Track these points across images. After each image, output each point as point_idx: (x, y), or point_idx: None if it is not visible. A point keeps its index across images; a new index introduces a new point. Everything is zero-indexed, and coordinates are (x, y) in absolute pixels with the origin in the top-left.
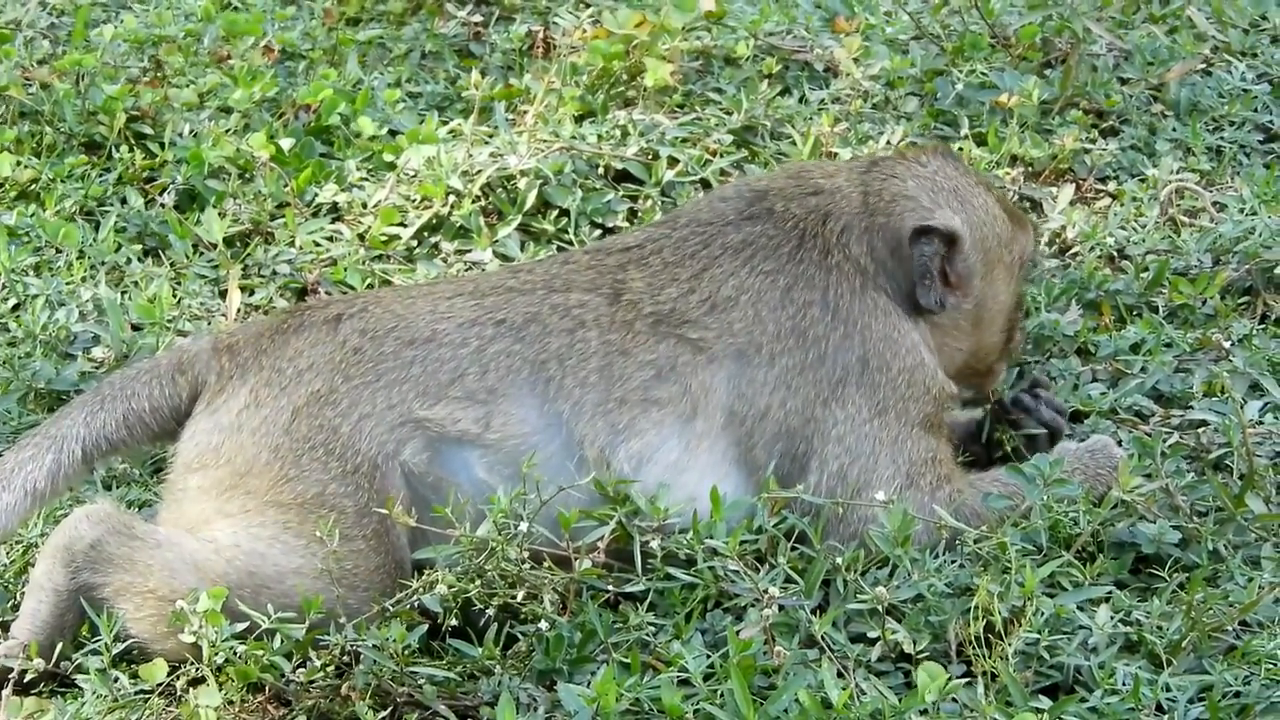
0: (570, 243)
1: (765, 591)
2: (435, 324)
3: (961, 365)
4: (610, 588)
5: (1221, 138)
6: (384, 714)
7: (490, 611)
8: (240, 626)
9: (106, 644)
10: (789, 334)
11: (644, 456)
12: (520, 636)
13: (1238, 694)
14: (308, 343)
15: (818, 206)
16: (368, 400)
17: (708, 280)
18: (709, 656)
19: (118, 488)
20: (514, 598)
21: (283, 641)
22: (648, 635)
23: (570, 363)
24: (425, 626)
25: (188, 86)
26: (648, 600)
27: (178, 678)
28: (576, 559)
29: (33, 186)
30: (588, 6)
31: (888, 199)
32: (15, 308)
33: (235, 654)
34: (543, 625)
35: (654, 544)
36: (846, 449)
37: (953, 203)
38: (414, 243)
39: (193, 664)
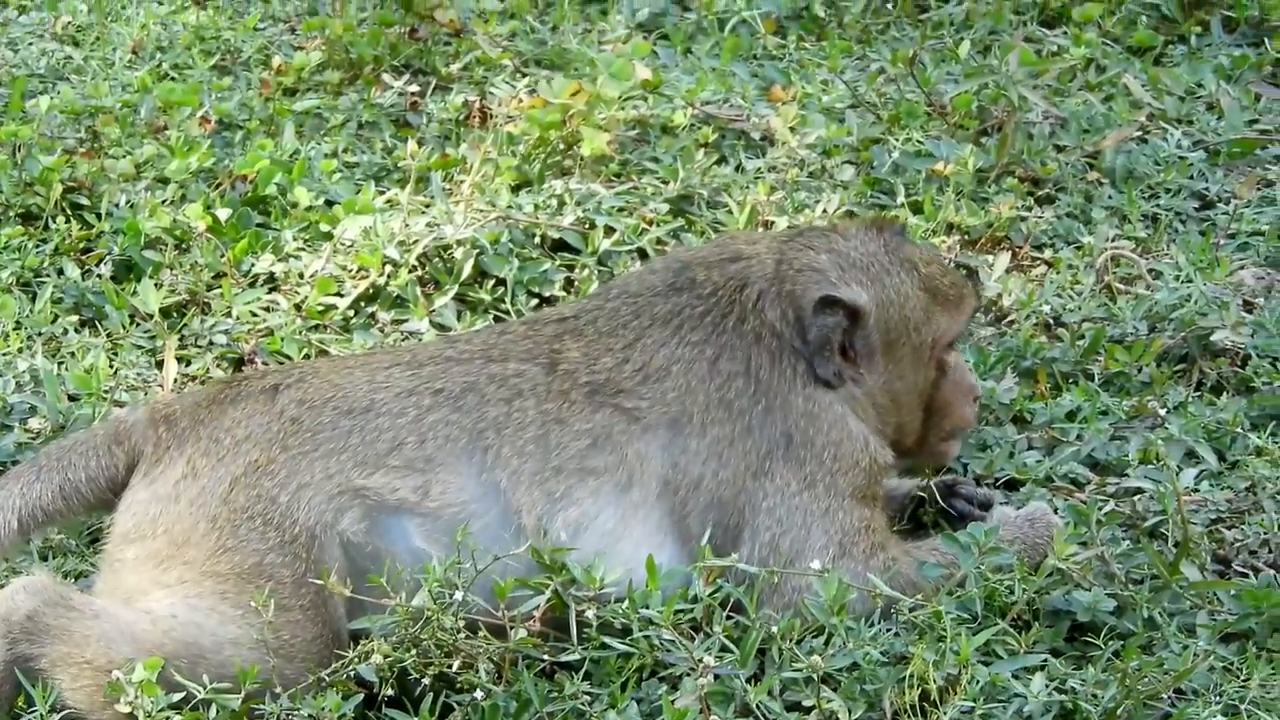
0: (507, 312)
1: (700, 661)
2: (373, 394)
3: (892, 438)
4: (546, 657)
5: (1157, 205)
6: None
7: (426, 681)
8: (177, 697)
9: (42, 715)
10: (717, 405)
11: (580, 525)
12: (456, 706)
13: None
14: (245, 413)
15: (736, 273)
16: (305, 470)
17: (640, 350)
18: None
19: (54, 558)
20: (449, 667)
21: (218, 712)
22: (583, 704)
23: (507, 431)
24: (361, 696)
25: (124, 157)
26: (583, 669)
27: None
28: (512, 628)
29: None
30: (524, 76)
31: (797, 268)
32: None
33: None
34: (478, 694)
35: (589, 613)
36: (777, 520)
37: (861, 278)
38: (350, 313)
39: None
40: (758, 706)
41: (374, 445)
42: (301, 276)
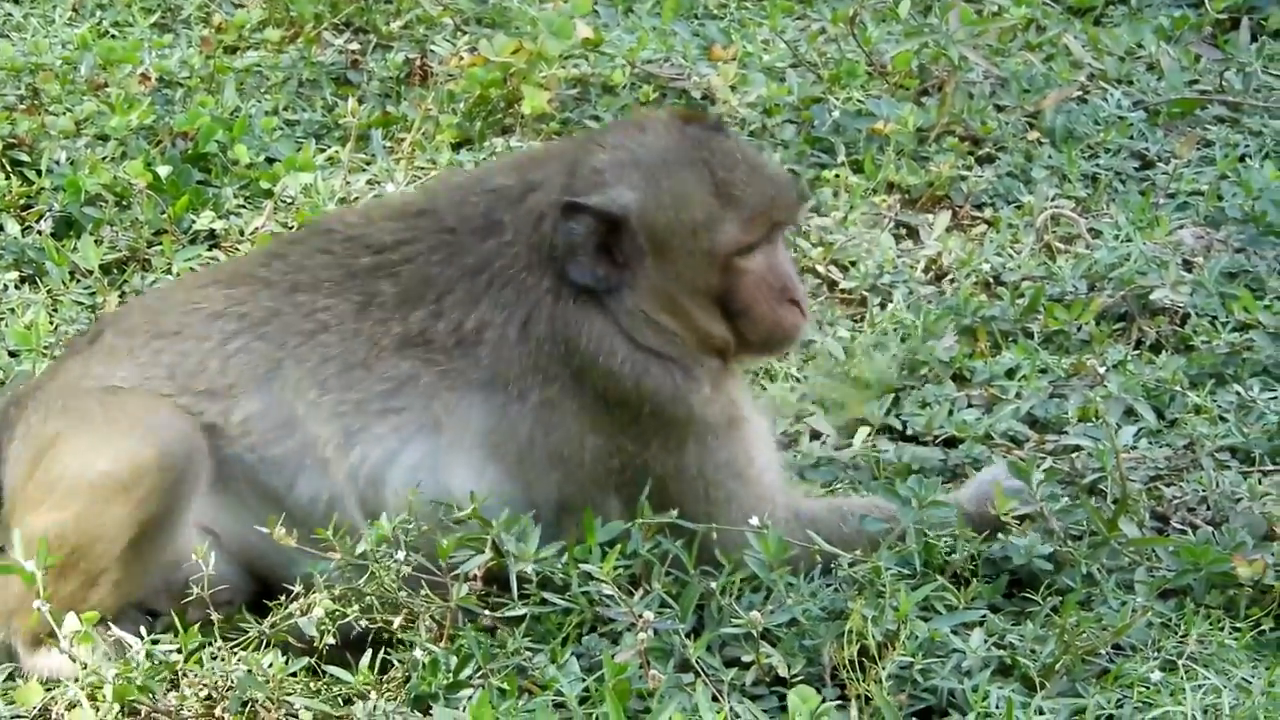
0: None
1: (640, 616)
2: (184, 317)
3: (698, 342)
4: (487, 613)
5: (1097, 165)
6: None
7: (364, 625)
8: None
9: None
10: (532, 371)
11: (381, 460)
12: (397, 663)
13: (1110, 717)
14: (77, 362)
15: (533, 208)
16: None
17: (451, 305)
18: (585, 680)
19: None
20: (390, 623)
21: (155, 665)
22: (524, 660)
23: (309, 365)
24: (305, 661)
25: (65, 114)
26: (524, 625)
27: (54, 702)
28: (453, 585)
29: None
30: (465, 34)
31: (581, 175)
32: None
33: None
34: (417, 653)
35: (530, 567)
36: (626, 479)
37: (635, 179)
38: None
39: (66, 688)
40: (697, 661)
41: (183, 368)
42: (242, 233)
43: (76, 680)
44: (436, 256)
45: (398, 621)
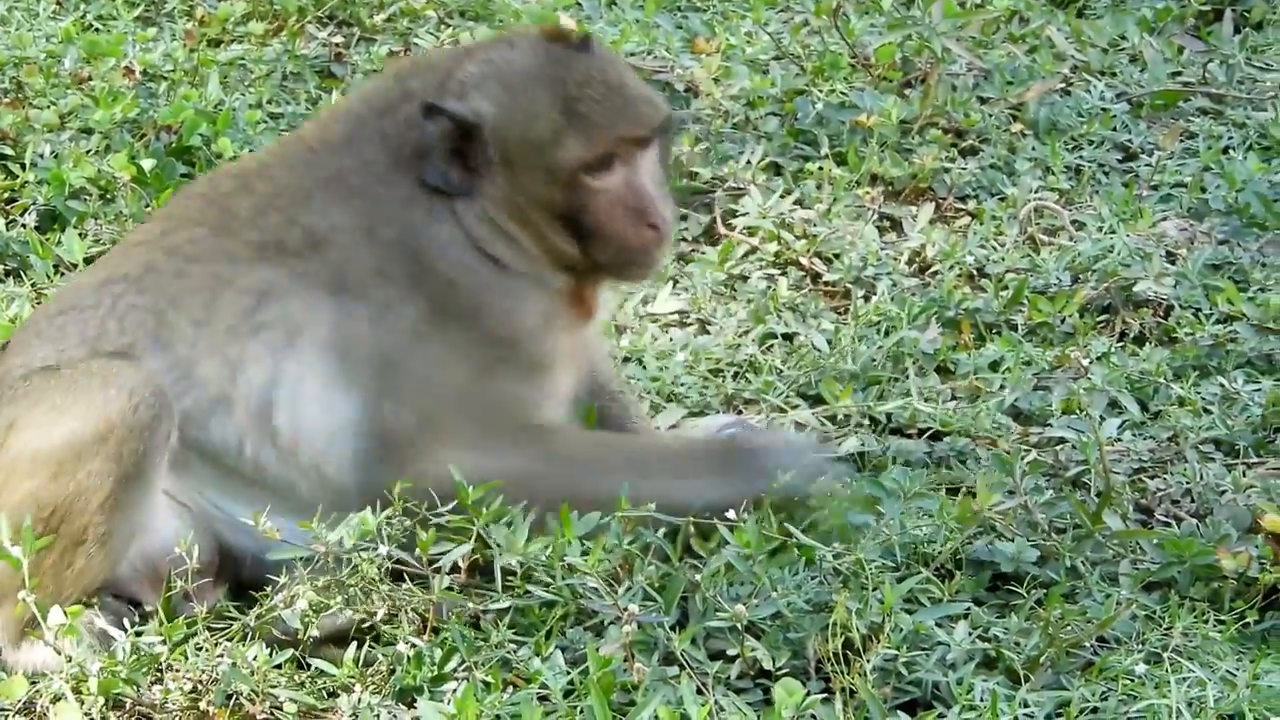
0: None
1: (625, 609)
2: (76, 293)
3: (549, 259)
4: (471, 605)
5: (1080, 157)
6: None
7: (350, 614)
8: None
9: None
10: (375, 274)
11: (265, 385)
12: (381, 657)
13: (1095, 710)
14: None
15: (406, 119)
16: None
17: (305, 212)
18: (569, 673)
19: None
20: (373, 614)
21: (139, 657)
22: (508, 652)
23: (183, 303)
24: (290, 653)
25: (49, 108)
26: (508, 617)
27: (39, 695)
28: (435, 577)
29: None
30: (448, 27)
31: (451, 87)
32: None
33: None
34: (400, 646)
35: (513, 560)
36: (433, 386)
37: (495, 91)
38: None
39: (51, 681)
40: (682, 654)
41: (84, 336)
42: None
43: (61, 673)
44: (295, 170)
45: (380, 614)
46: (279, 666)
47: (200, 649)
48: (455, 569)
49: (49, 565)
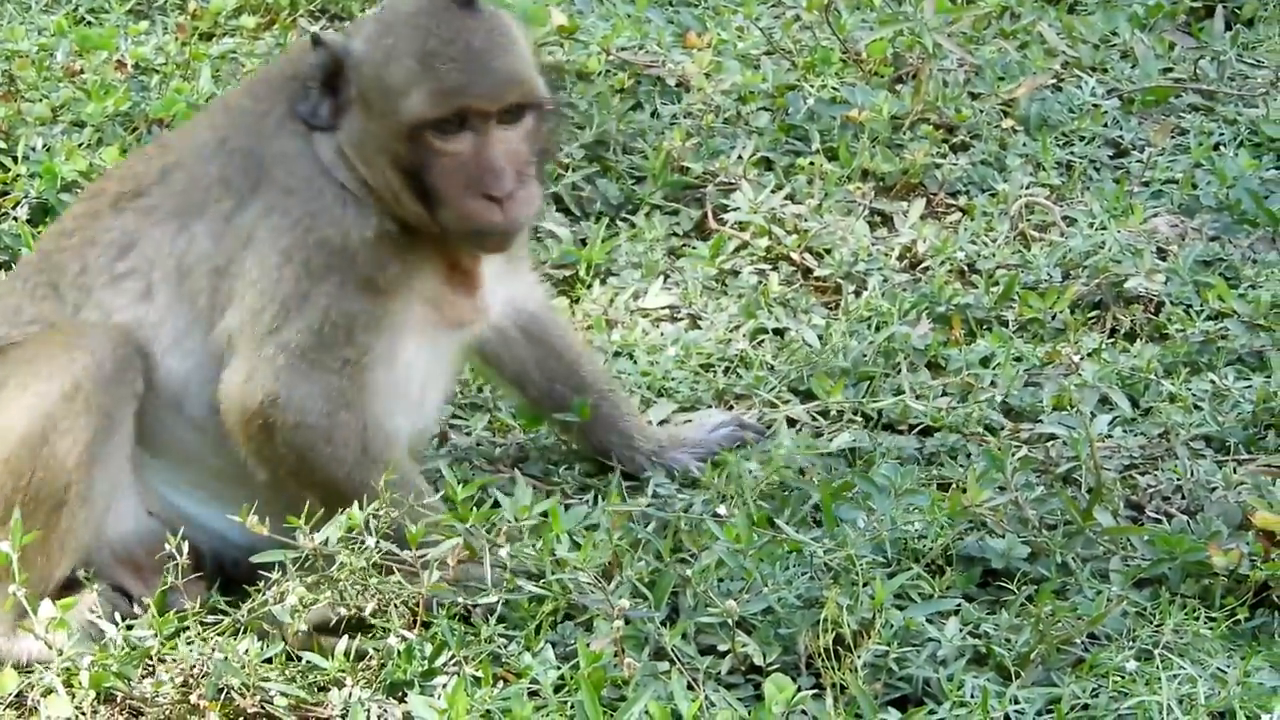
0: None
1: (616, 605)
2: (12, 282)
3: (392, 209)
4: (461, 599)
5: (1071, 153)
6: None
7: (342, 610)
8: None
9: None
10: (218, 184)
11: (140, 341)
12: (371, 651)
13: (1086, 706)
14: None
15: (300, 54)
16: None
17: (166, 152)
18: (560, 668)
19: None
20: (363, 609)
21: (130, 650)
22: (499, 647)
23: (67, 271)
24: (280, 647)
25: (40, 101)
26: (497, 612)
27: (30, 688)
28: (425, 571)
29: None
30: None
31: (355, 23)
32: None
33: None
34: (391, 640)
35: (503, 553)
36: (261, 293)
37: (373, 31)
38: None
39: (42, 674)
40: (672, 650)
41: (5, 313)
42: None
43: (52, 666)
44: (196, 121)
45: (370, 608)
46: (269, 660)
47: (191, 643)
48: (444, 564)
49: (37, 538)
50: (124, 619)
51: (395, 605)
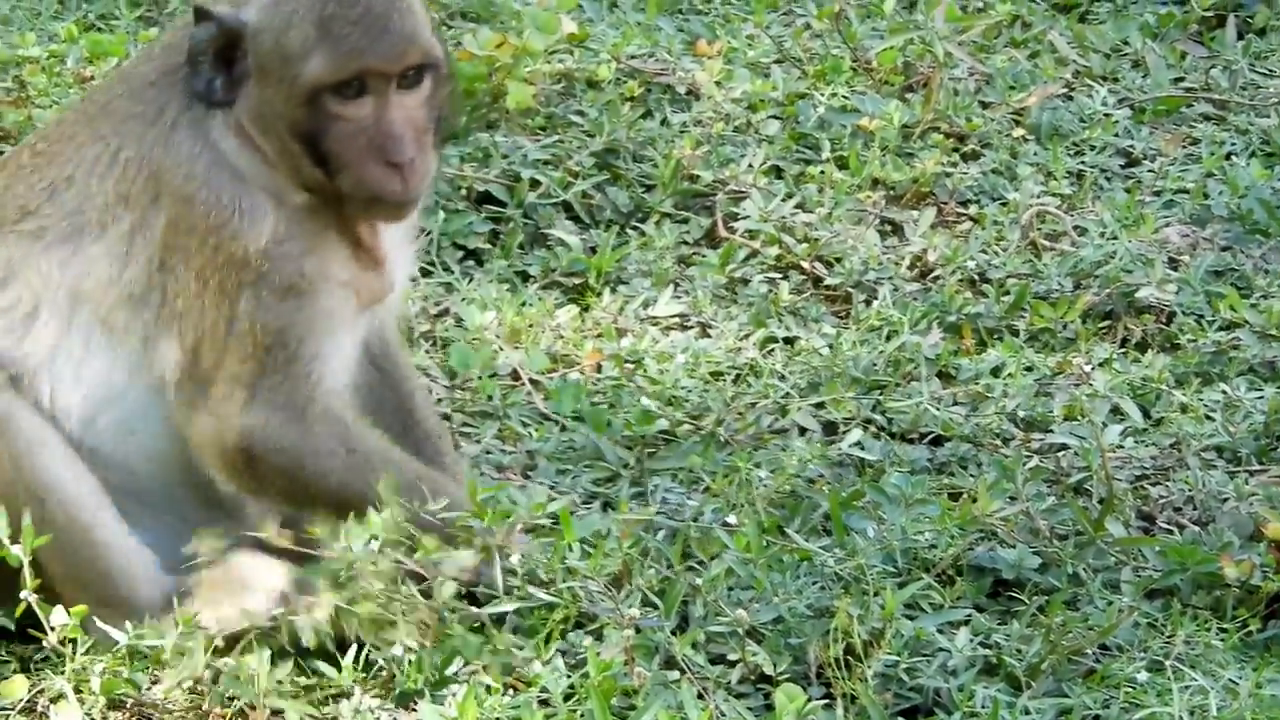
0: (432, 264)
1: (626, 614)
2: None
3: (298, 181)
4: (475, 610)
5: (1082, 162)
6: None
7: (358, 632)
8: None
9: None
10: (115, 201)
11: (34, 379)
12: (381, 661)
13: (1097, 717)
14: None
15: (186, 31)
16: None
17: (50, 166)
18: (570, 677)
19: None
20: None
21: (138, 659)
22: (510, 657)
23: None
24: (292, 662)
25: (51, 106)
26: (507, 621)
27: (39, 695)
28: (439, 583)
29: None
30: (449, 28)
31: None
32: None
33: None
34: (396, 650)
35: (514, 560)
36: (192, 325)
37: (268, 3)
38: None
39: (53, 680)
40: (682, 659)
41: None
42: None
43: (63, 673)
44: (63, 127)
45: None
46: (278, 668)
47: (201, 651)
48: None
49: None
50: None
51: (407, 618)
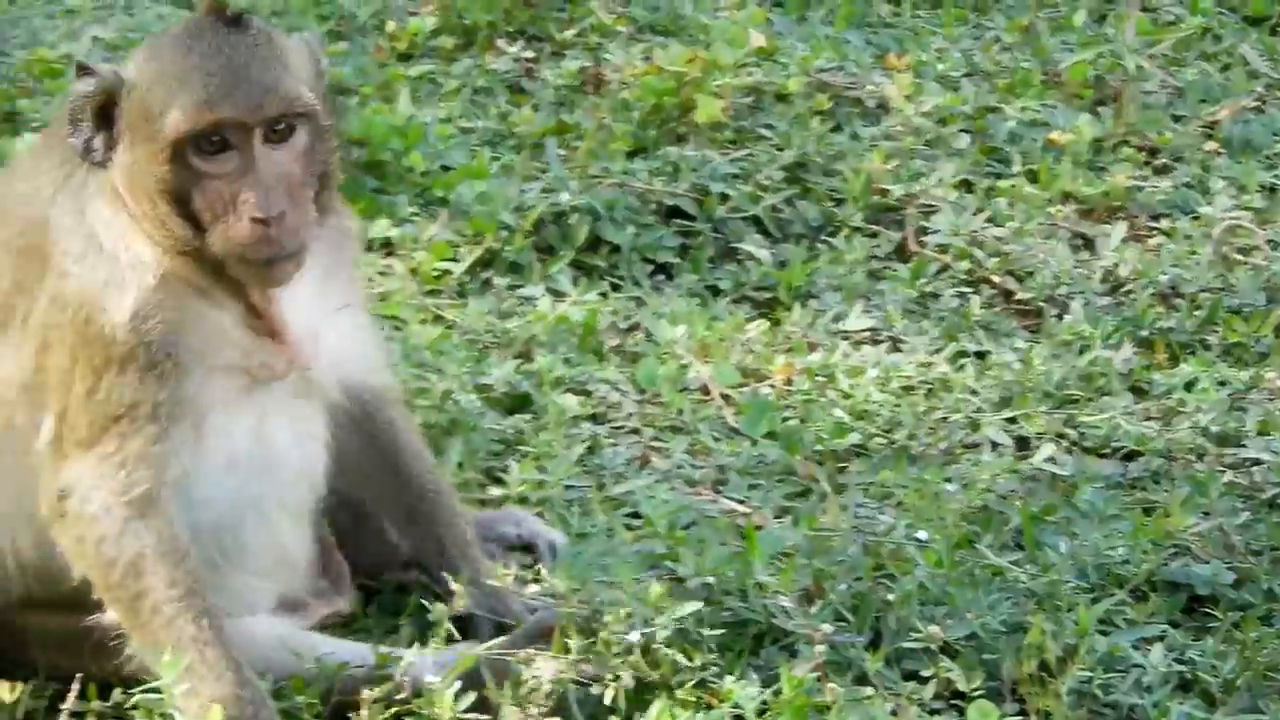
0: (622, 278)
1: (818, 629)
2: None
3: (171, 244)
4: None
5: (1275, 175)
6: None
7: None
8: None
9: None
10: (13, 291)
11: None
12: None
13: None
14: None
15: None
16: None
17: None
18: (762, 693)
19: None
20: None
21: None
22: (706, 673)
23: None
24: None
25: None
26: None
27: None
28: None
29: None
30: (639, 43)
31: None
32: None
33: None
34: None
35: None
36: (60, 394)
37: (140, 56)
38: (466, 278)
39: None
40: (875, 675)
41: None
42: (416, 241)
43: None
44: None
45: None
46: None
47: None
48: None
49: None
50: None
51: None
